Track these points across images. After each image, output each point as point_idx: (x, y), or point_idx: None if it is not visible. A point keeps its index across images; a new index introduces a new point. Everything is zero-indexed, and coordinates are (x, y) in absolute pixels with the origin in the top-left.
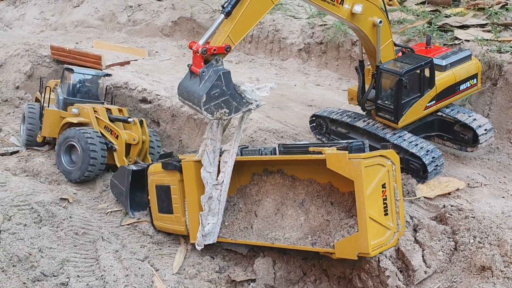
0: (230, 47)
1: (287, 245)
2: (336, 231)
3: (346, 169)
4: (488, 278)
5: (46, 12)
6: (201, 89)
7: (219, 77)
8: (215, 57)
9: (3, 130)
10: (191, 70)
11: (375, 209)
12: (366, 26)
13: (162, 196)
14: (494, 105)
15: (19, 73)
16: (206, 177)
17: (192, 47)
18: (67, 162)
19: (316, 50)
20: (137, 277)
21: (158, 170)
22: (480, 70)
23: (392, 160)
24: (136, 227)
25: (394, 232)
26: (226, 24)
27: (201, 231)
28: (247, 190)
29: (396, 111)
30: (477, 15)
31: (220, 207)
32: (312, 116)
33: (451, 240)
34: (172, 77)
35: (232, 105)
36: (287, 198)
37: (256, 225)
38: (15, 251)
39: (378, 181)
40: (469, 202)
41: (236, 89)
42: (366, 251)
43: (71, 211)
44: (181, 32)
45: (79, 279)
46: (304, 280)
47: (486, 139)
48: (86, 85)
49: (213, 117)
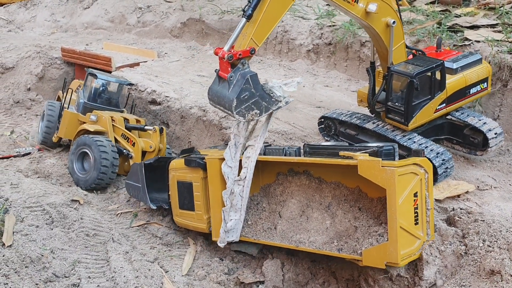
0: (254, 49)
1: (313, 249)
2: (364, 238)
3: (378, 177)
4: (497, 283)
5: (57, 14)
6: (231, 94)
7: (247, 81)
8: (241, 60)
9: (15, 132)
10: (219, 75)
11: (406, 218)
12: (380, 26)
13: (184, 192)
14: (504, 107)
15: (30, 75)
16: (227, 172)
17: (218, 54)
18: (78, 169)
19: (324, 51)
20: (147, 278)
21: (180, 166)
22: (490, 74)
23: (425, 168)
24: (146, 229)
25: (423, 241)
26: (248, 27)
27: (223, 227)
28: (271, 190)
29: (406, 113)
30: (488, 15)
31: (243, 203)
32: (320, 118)
33: (462, 244)
34: (181, 79)
35: (262, 106)
36: (313, 200)
37: (280, 226)
38: (27, 252)
39: (410, 190)
40: (479, 205)
41: (265, 90)
42: (395, 261)
43: (82, 213)
44: (190, 33)
45: (90, 280)
46: (313, 282)
47: (496, 143)
48: (108, 91)
49: (245, 119)
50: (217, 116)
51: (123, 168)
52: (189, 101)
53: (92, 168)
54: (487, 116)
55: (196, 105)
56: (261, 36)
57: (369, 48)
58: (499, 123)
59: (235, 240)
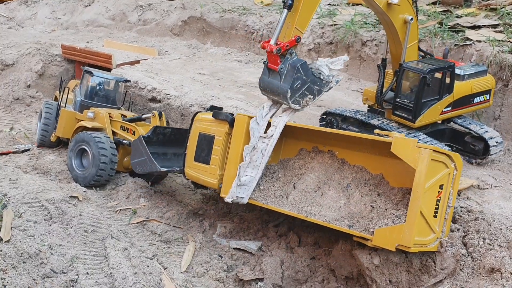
0: (300, 37)
1: (322, 221)
2: (379, 218)
3: (411, 156)
4: (497, 280)
5: (58, 11)
6: (284, 85)
7: (298, 70)
8: (289, 51)
9: (14, 128)
10: (269, 67)
11: (427, 206)
12: (398, 22)
13: (203, 145)
14: (505, 106)
15: (30, 72)
16: (254, 128)
17: (266, 48)
18: (77, 166)
19: (326, 50)
20: (146, 275)
21: (206, 119)
22: (494, 86)
23: (456, 164)
24: (145, 226)
25: (437, 237)
26: (290, 17)
27: (236, 181)
28: (290, 163)
29: (415, 109)
30: (489, 16)
31: (263, 161)
32: (323, 114)
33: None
34: (181, 77)
35: (314, 90)
36: (332, 179)
37: (292, 196)
38: (25, 248)
39: (437, 180)
40: (479, 203)
41: (315, 74)
42: (408, 244)
43: (80, 209)
44: (191, 31)
45: (88, 276)
46: (312, 280)
47: (496, 151)
48: (104, 89)
49: (300, 106)
50: None
51: (122, 165)
52: (189, 99)
53: (91, 164)
54: (488, 116)
55: (196, 103)
56: (304, 23)
57: (370, 47)
58: (499, 123)
59: (243, 202)
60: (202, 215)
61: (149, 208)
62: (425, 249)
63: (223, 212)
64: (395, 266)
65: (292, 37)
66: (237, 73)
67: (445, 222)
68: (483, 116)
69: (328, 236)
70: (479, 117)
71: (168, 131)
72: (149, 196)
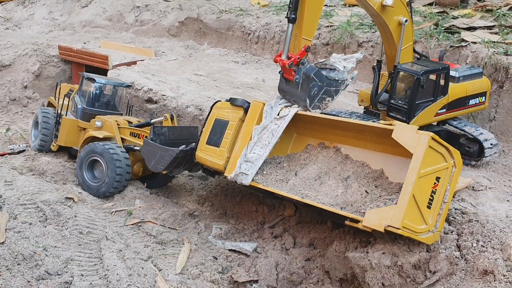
0: (309, 46)
1: (316, 203)
2: (372, 202)
3: (410, 142)
4: (490, 282)
5: (55, 12)
6: (302, 94)
7: (312, 79)
8: (301, 61)
9: (11, 129)
10: (285, 77)
11: (421, 193)
12: (392, 24)
13: (217, 129)
14: (500, 108)
15: (27, 73)
16: (267, 111)
17: (278, 62)
18: (90, 178)
19: (322, 51)
20: (140, 276)
21: (225, 106)
22: (489, 89)
23: (456, 161)
24: (140, 227)
25: (429, 230)
26: (296, 29)
27: (242, 157)
28: (296, 156)
29: (409, 111)
30: (485, 17)
31: (272, 141)
32: None
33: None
34: (178, 78)
35: (332, 92)
36: (333, 170)
37: (292, 181)
38: (20, 250)
39: (434, 170)
40: (473, 205)
41: (329, 77)
42: (397, 225)
43: (76, 210)
44: (188, 32)
45: (82, 278)
46: (307, 282)
47: (491, 153)
48: (106, 95)
49: (321, 109)
50: None
51: (133, 172)
52: (185, 100)
53: (105, 175)
54: (483, 118)
55: (193, 104)
56: (311, 32)
57: (366, 49)
58: (494, 125)
59: (246, 181)
60: (197, 217)
61: (145, 210)
62: (416, 237)
63: (219, 214)
64: (387, 269)
65: (302, 48)
66: (234, 74)
67: (439, 217)
68: (478, 118)
69: (323, 238)
70: (475, 119)
71: (165, 130)
72: (144, 198)
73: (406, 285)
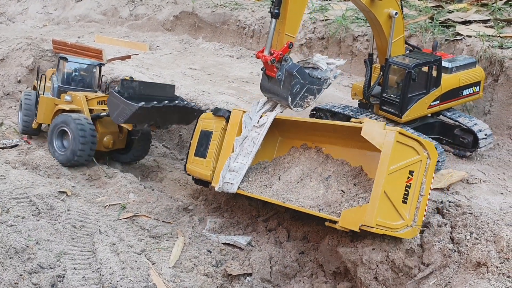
0: (292, 43)
1: (296, 206)
2: (348, 202)
3: (378, 139)
4: (483, 274)
5: (49, 6)
6: (284, 92)
7: (295, 76)
8: (283, 57)
9: (4, 124)
10: (267, 74)
11: (393, 189)
12: (382, 17)
13: (203, 140)
14: (495, 101)
15: (21, 67)
16: (246, 122)
17: (261, 58)
18: (58, 147)
19: (317, 45)
20: (134, 270)
21: (209, 117)
22: (483, 78)
23: (429, 153)
24: (134, 221)
25: (407, 224)
26: (279, 25)
27: (226, 168)
28: (281, 160)
29: (401, 104)
30: (480, 11)
31: (253, 149)
32: (313, 110)
33: (449, 236)
34: (172, 72)
35: (314, 90)
36: (315, 171)
37: (275, 186)
38: (12, 243)
39: (406, 164)
40: (468, 198)
41: (312, 75)
42: (370, 224)
43: (69, 204)
44: (183, 26)
45: (75, 272)
46: (300, 275)
47: (485, 144)
48: (80, 74)
49: (303, 107)
50: (207, 109)
51: (103, 144)
52: (180, 94)
53: (71, 144)
54: (478, 111)
55: (187, 98)
56: (294, 28)
57: (361, 42)
58: (489, 118)
59: (232, 189)
60: (192, 210)
61: (139, 203)
62: (393, 234)
63: (213, 207)
64: (379, 263)
65: (285, 44)
66: (229, 68)
67: (417, 211)
68: (473, 111)
69: (316, 231)
70: (469, 112)
71: (136, 84)
72: (138, 191)
73: (399, 279)
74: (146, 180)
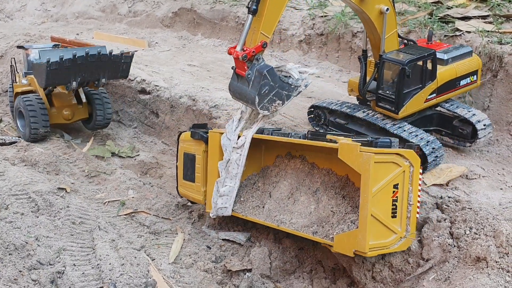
0: (266, 43)
1: (290, 229)
2: (338, 224)
3: (355, 161)
4: (482, 269)
5: (47, 3)
6: (251, 91)
7: (265, 76)
8: (255, 56)
9: (3, 121)
10: (236, 72)
11: (381, 208)
12: (373, 13)
13: (188, 164)
14: (494, 97)
15: (19, 64)
16: (226, 145)
17: (232, 54)
18: (21, 126)
19: (316, 41)
20: (133, 266)
21: (188, 139)
22: (480, 67)
23: (411, 161)
24: (134, 217)
25: (401, 237)
26: (255, 22)
27: (215, 194)
28: (269, 171)
29: (397, 101)
30: (480, 7)
31: (239, 171)
32: (310, 107)
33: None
34: (171, 68)
35: (283, 95)
36: (303, 184)
37: (268, 205)
38: (11, 240)
39: (389, 180)
40: (467, 193)
41: (283, 80)
42: (363, 250)
43: (68, 201)
44: (182, 23)
45: (75, 268)
46: (300, 271)
47: (484, 134)
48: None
49: (269, 111)
50: (206, 106)
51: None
52: (178, 90)
53: (26, 122)
54: (477, 107)
55: (186, 94)
56: (270, 28)
57: (360, 38)
58: (488, 114)
59: (227, 213)
60: (191, 207)
61: (138, 200)
62: (389, 251)
63: None
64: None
65: (258, 43)
66: (228, 65)
67: (409, 220)
68: (472, 107)
69: None
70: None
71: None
72: (138, 188)
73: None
74: (146, 177)
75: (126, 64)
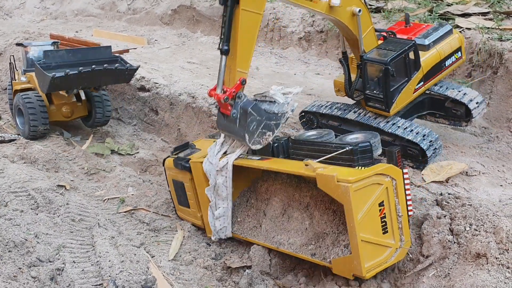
0: (245, 79)
1: (290, 251)
2: (333, 246)
3: (335, 192)
4: (482, 265)
5: (47, 0)
6: (240, 130)
7: (250, 113)
8: (237, 95)
9: (3, 118)
10: (222, 112)
11: (370, 230)
12: (345, 17)
13: (179, 190)
14: (494, 94)
15: (18, 62)
16: (208, 170)
17: (213, 97)
18: (20, 124)
19: (316, 38)
20: (133, 263)
21: (172, 166)
22: (463, 42)
23: (392, 176)
24: (133, 215)
25: (396, 248)
26: (230, 61)
27: (212, 218)
28: (258, 185)
29: (386, 99)
30: (480, 4)
31: (228, 192)
32: (301, 113)
33: (449, 228)
34: (171, 65)
35: (272, 125)
36: (293, 199)
37: (264, 225)
38: (11, 237)
39: (373, 201)
40: (467, 190)
41: (268, 111)
42: (360, 274)
43: (68, 198)
44: (181, 20)
45: (74, 265)
46: (300, 267)
47: (478, 112)
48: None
49: (261, 144)
50: (206, 103)
51: (62, 114)
52: (178, 88)
53: (26, 120)
54: None
55: (185, 92)
56: (246, 64)
57: None
58: (488, 111)
59: (227, 233)
60: None
61: (138, 197)
62: (386, 265)
63: None
64: None
65: (237, 81)
66: None
67: (401, 231)
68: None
69: None
70: None
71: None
72: (137, 185)
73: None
74: (145, 174)
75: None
